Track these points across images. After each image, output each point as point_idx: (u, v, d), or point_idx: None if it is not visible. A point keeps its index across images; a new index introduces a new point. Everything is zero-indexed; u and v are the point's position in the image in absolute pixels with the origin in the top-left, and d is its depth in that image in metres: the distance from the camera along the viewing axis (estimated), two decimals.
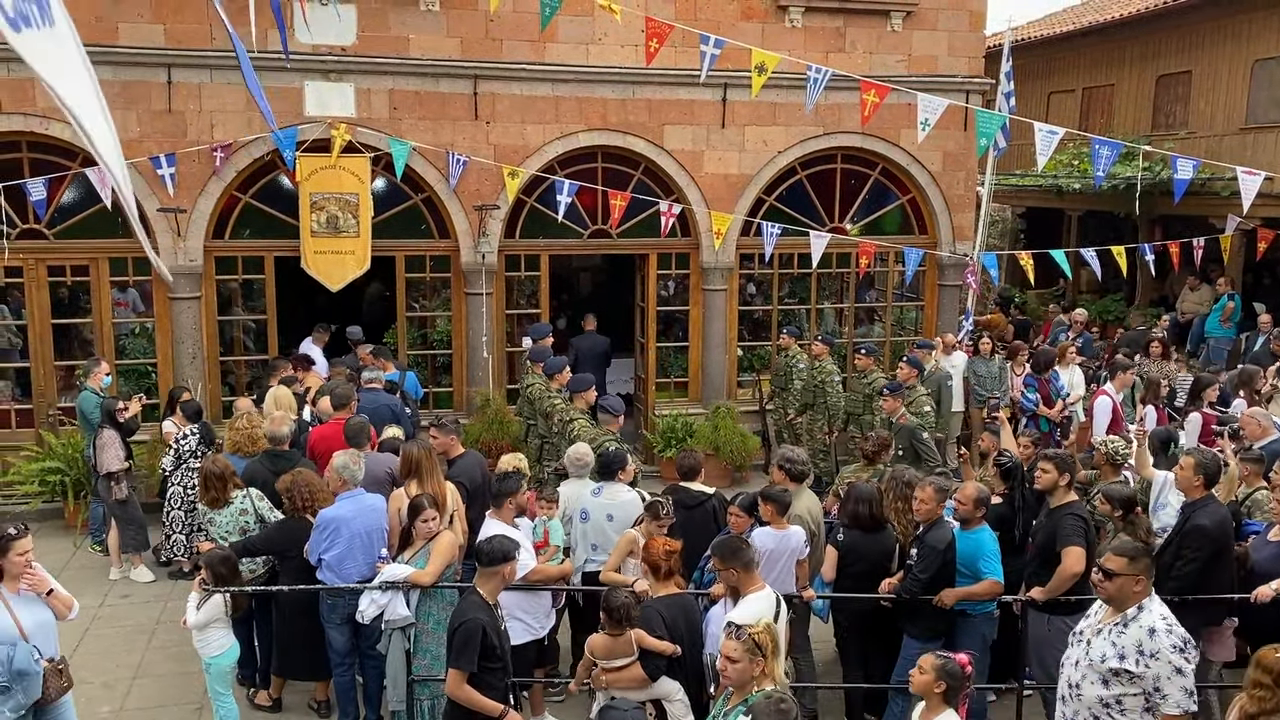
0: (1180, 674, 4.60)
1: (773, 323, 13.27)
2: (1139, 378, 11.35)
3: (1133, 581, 4.75)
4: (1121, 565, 4.75)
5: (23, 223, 10.80)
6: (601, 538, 6.92)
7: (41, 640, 5.42)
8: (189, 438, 9.00)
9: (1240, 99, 15.98)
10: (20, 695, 5.23)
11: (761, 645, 4.45)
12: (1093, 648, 4.81)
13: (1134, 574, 4.74)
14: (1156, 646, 4.62)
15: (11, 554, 5.29)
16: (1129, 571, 4.74)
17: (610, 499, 6.94)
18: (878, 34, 12.57)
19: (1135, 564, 4.76)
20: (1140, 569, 4.76)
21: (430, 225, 11.97)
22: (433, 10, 11.30)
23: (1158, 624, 4.68)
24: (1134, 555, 4.79)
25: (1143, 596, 4.77)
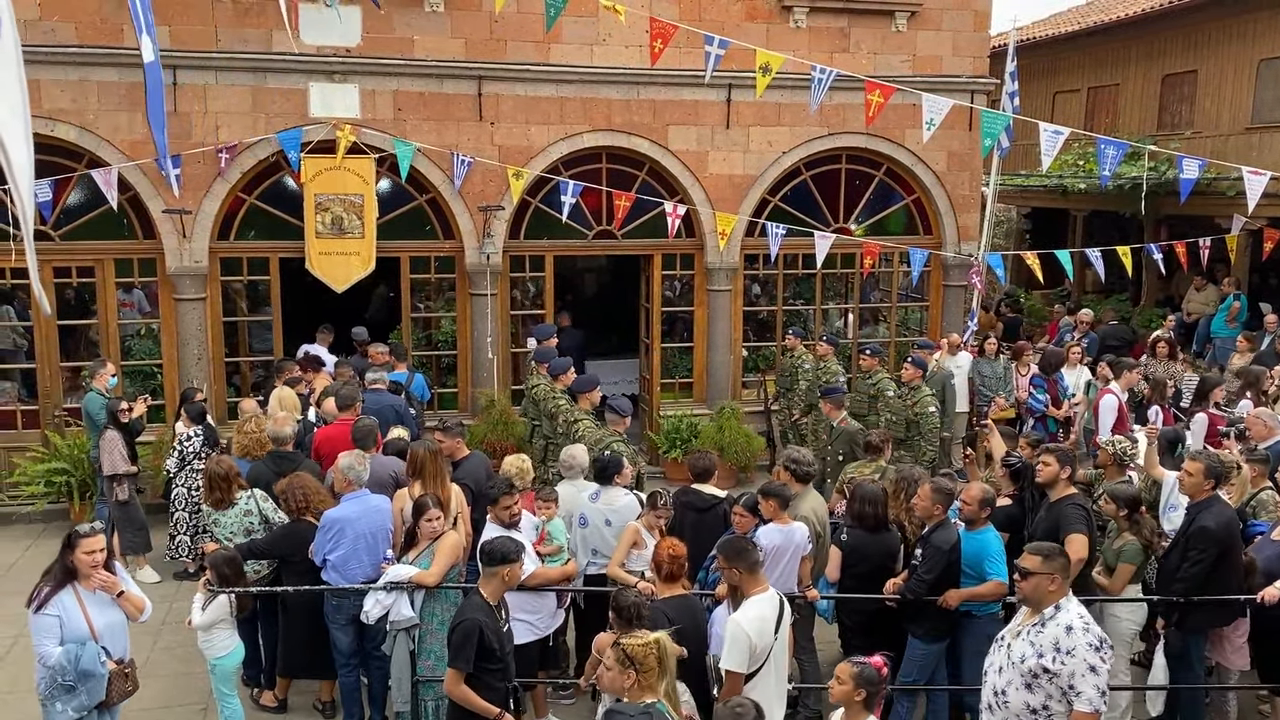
0: (1094, 672, 4.58)
1: (777, 323, 13.26)
2: (1145, 378, 11.34)
3: (1048, 580, 4.74)
4: (1037, 564, 4.77)
5: None
6: (601, 543, 6.92)
7: (111, 641, 5.42)
8: (193, 439, 9.02)
9: (1246, 99, 15.95)
10: (84, 696, 5.24)
11: (634, 659, 4.33)
12: (1013, 650, 4.81)
13: (1049, 573, 4.74)
14: (1073, 643, 4.62)
15: (79, 551, 5.29)
16: (1044, 570, 4.74)
17: (608, 504, 6.94)
18: (882, 34, 12.56)
19: (1050, 563, 4.77)
20: (1055, 568, 4.76)
21: (435, 226, 11.98)
22: (437, 11, 11.31)
23: (1075, 622, 4.68)
24: (1049, 555, 4.81)
25: (1059, 596, 4.76)
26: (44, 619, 5.26)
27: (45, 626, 5.26)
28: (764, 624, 5.25)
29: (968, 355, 12.15)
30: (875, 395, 10.54)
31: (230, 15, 10.82)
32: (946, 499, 6.43)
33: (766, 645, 5.25)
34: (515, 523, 6.46)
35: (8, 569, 9.57)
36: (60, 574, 5.36)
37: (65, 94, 10.55)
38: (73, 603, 5.32)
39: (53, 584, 5.34)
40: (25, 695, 6.59)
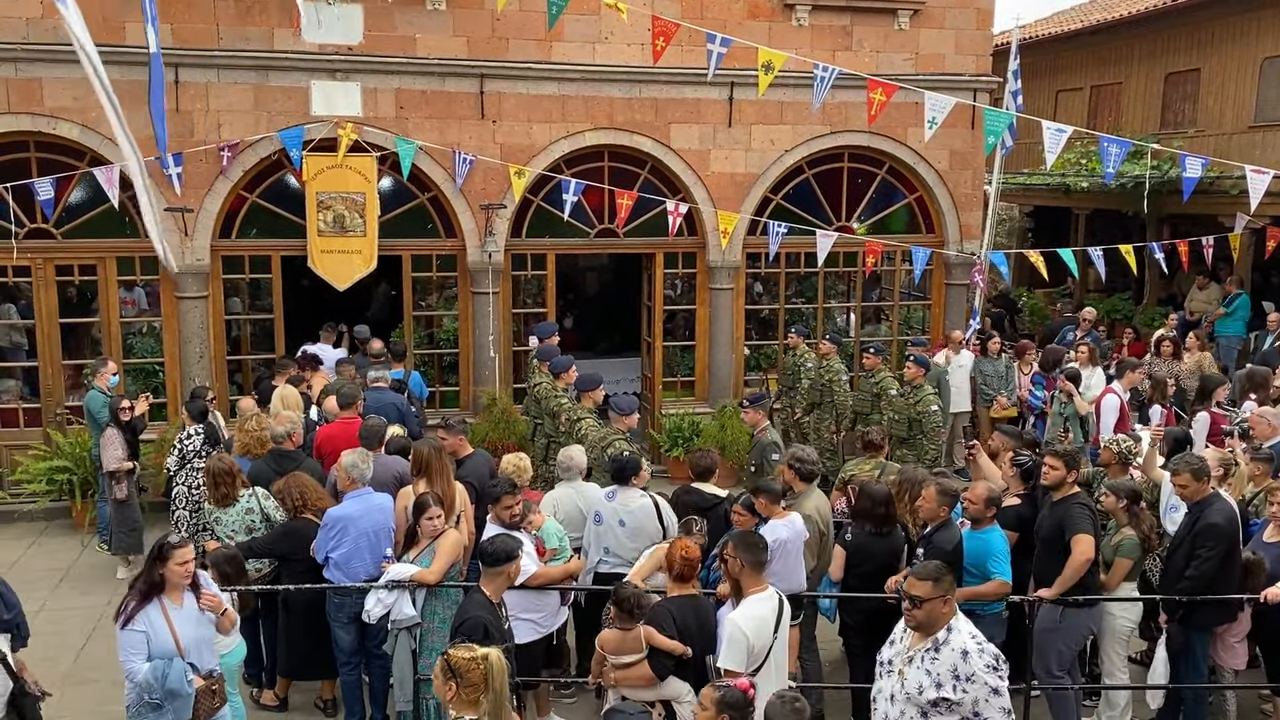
0: (997, 694, 4.46)
1: (779, 322, 13.25)
2: (1148, 377, 11.32)
3: (940, 603, 4.58)
4: (927, 590, 4.57)
5: (30, 222, 10.83)
6: (614, 542, 6.88)
7: (198, 656, 5.32)
8: (193, 437, 9.01)
9: (1249, 97, 15.91)
10: (171, 715, 5.13)
11: (457, 671, 4.13)
12: (907, 679, 4.60)
13: (940, 595, 4.57)
14: (971, 669, 4.46)
15: (171, 563, 5.17)
16: (934, 594, 4.56)
17: (623, 504, 6.88)
18: (885, 32, 12.54)
19: (940, 585, 4.58)
20: (945, 589, 4.59)
21: (437, 224, 11.97)
22: (439, 9, 11.30)
23: (969, 645, 4.52)
24: (936, 576, 4.61)
25: (951, 616, 4.61)
26: (131, 634, 5.13)
27: (132, 642, 5.12)
28: (761, 624, 5.22)
29: (969, 354, 12.14)
30: (878, 394, 10.54)
31: (232, 13, 10.81)
32: (951, 500, 6.43)
33: (765, 645, 5.23)
34: (516, 523, 6.46)
35: (10, 567, 9.57)
36: (147, 587, 5.21)
37: (68, 92, 10.55)
38: (159, 617, 5.18)
39: (139, 598, 5.19)
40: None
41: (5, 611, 5.45)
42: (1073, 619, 6.38)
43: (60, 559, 9.74)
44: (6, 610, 5.46)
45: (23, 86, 10.47)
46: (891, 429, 9.79)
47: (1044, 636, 6.45)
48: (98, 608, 8.68)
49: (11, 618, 5.49)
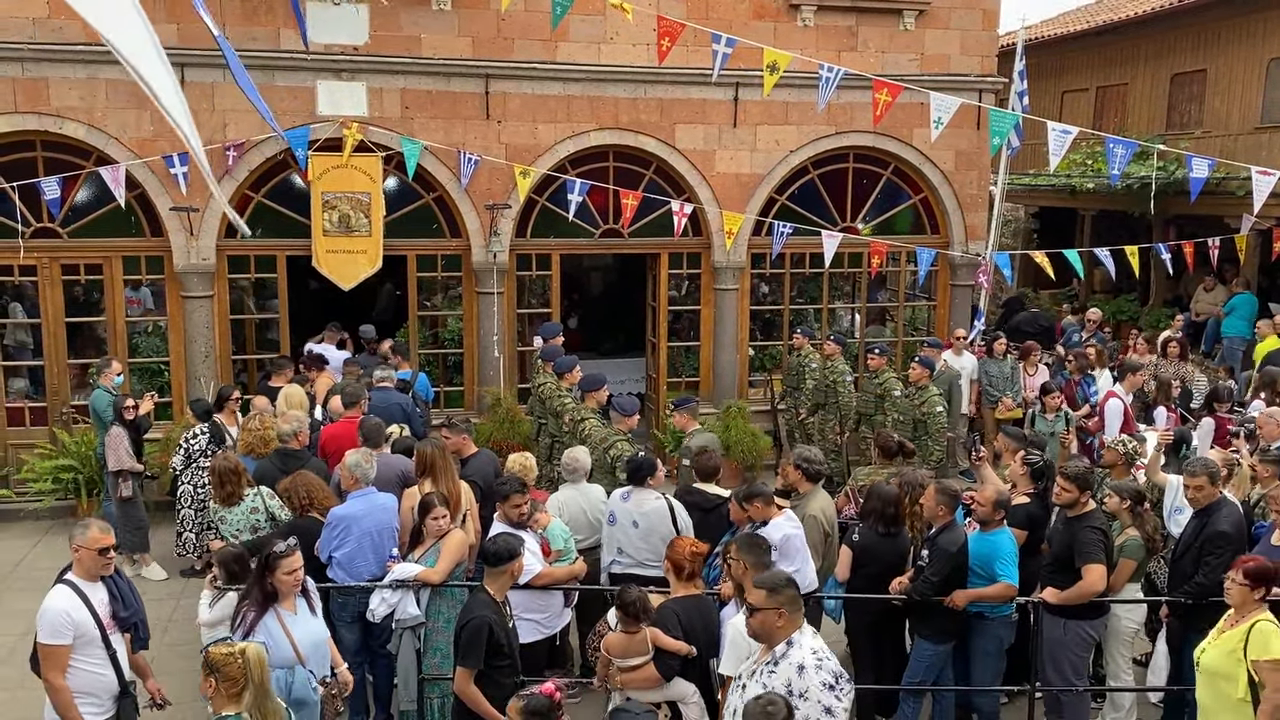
0: (830, 714, 4.32)
1: (784, 322, 13.24)
2: (1153, 378, 11.30)
3: (775, 615, 4.43)
4: (761, 599, 4.44)
5: (37, 222, 10.85)
6: (626, 542, 6.87)
7: (317, 662, 5.31)
8: (198, 437, 9.03)
9: (1255, 98, 15.87)
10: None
11: (215, 666, 4.17)
12: (747, 694, 4.42)
13: (775, 607, 4.43)
14: (805, 685, 4.32)
15: (280, 572, 5.18)
16: (769, 605, 4.43)
17: (637, 505, 6.86)
18: (890, 33, 12.53)
19: (776, 596, 4.44)
20: (782, 601, 4.44)
21: (442, 224, 11.98)
22: (444, 10, 11.32)
23: (807, 660, 4.38)
24: (774, 587, 4.47)
25: (790, 630, 4.46)
26: None
27: None
28: None
29: (972, 357, 12.11)
30: (882, 395, 10.52)
31: (238, 13, 10.83)
32: (952, 501, 6.41)
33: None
34: (524, 522, 6.46)
35: (15, 565, 9.60)
36: (262, 597, 5.23)
37: (74, 92, 10.57)
38: (277, 627, 5.21)
39: (256, 609, 5.22)
40: (32, 690, 6.58)
41: (123, 610, 5.39)
42: (1074, 630, 6.38)
43: (65, 557, 9.52)
44: (124, 609, 5.40)
45: (29, 86, 10.49)
46: (895, 430, 9.76)
47: (1054, 647, 6.44)
48: None
49: (129, 616, 5.43)
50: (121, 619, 5.36)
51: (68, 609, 5.12)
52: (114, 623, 5.32)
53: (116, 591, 5.37)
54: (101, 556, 5.27)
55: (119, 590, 5.40)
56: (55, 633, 5.06)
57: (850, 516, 7.57)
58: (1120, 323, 16.97)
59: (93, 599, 5.23)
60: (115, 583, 5.41)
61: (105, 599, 5.30)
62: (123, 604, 5.38)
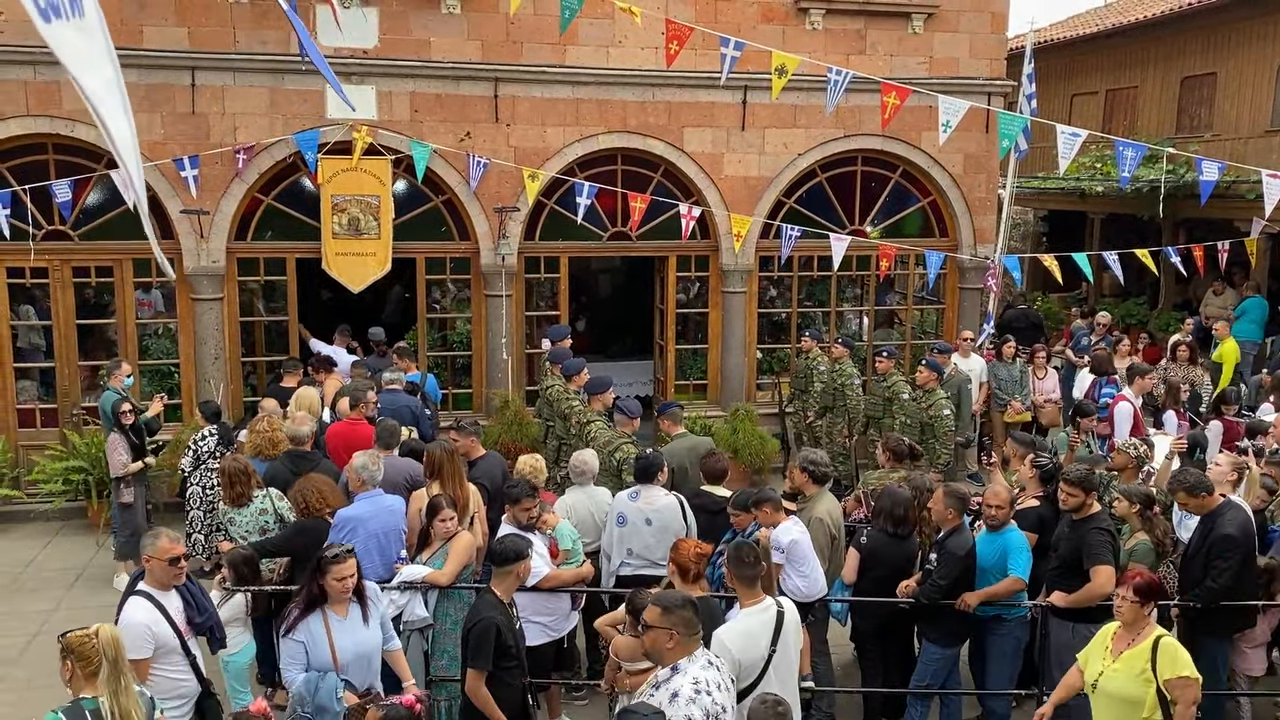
0: None
1: (792, 325, 13.24)
2: (1163, 382, 11.27)
3: (665, 636, 4.31)
4: (655, 617, 4.34)
5: (48, 224, 10.91)
6: (639, 543, 6.85)
7: (358, 672, 5.26)
8: (208, 439, 9.06)
9: (1266, 101, 15.83)
10: None
11: (70, 649, 4.18)
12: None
13: (667, 627, 4.30)
14: (672, 715, 4.16)
15: (330, 577, 5.16)
16: (662, 624, 4.31)
17: (648, 503, 6.88)
18: (898, 36, 12.53)
19: (669, 616, 4.33)
20: (675, 622, 4.30)
21: (450, 227, 12.01)
22: (454, 13, 11.35)
23: (684, 689, 4.21)
24: (669, 607, 4.36)
25: (679, 655, 4.33)
26: (290, 644, 5.17)
27: (291, 652, 5.17)
28: (750, 640, 4.99)
29: (980, 359, 12.09)
30: (890, 398, 10.52)
31: (249, 17, 10.88)
32: (960, 504, 6.41)
33: (756, 659, 4.98)
34: (533, 524, 6.47)
35: (25, 566, 9.65)
36: (309, 598, 5.22)
37: None
38: (320, 629, 5.18)
39: (301, 608, 5.22)
40: (41, 691, 6.63)
41: (197, 615, 5.42)
42: (1082, 634, 6.35)
43: (75, 558, 9.80)
44: (199, 614, 5.43)
45: (41, 89, 10.55)
46: (904, 433, 9.75)
47: (1062, 651, 6.42)
48: (112, 607, 8.63)
49: (203, 621, 5.47)
50: (196, 624, 5.42)
51: (148, 623, 5.14)
52: (190, 629, 5.37)
53: (190, 598, 5.42)
54: (172, 567, 5.27)
55: (192, 596, 5.45)
56: (136, 647, 5.00)
57: (860, 520, 7.57)
58: (1129, 326, 16.92)
59: (169, 608, 5.27)
60: (188, 589, 5.45)
61: (180, 606, 5.35)
62: (197, 609, 5.43)
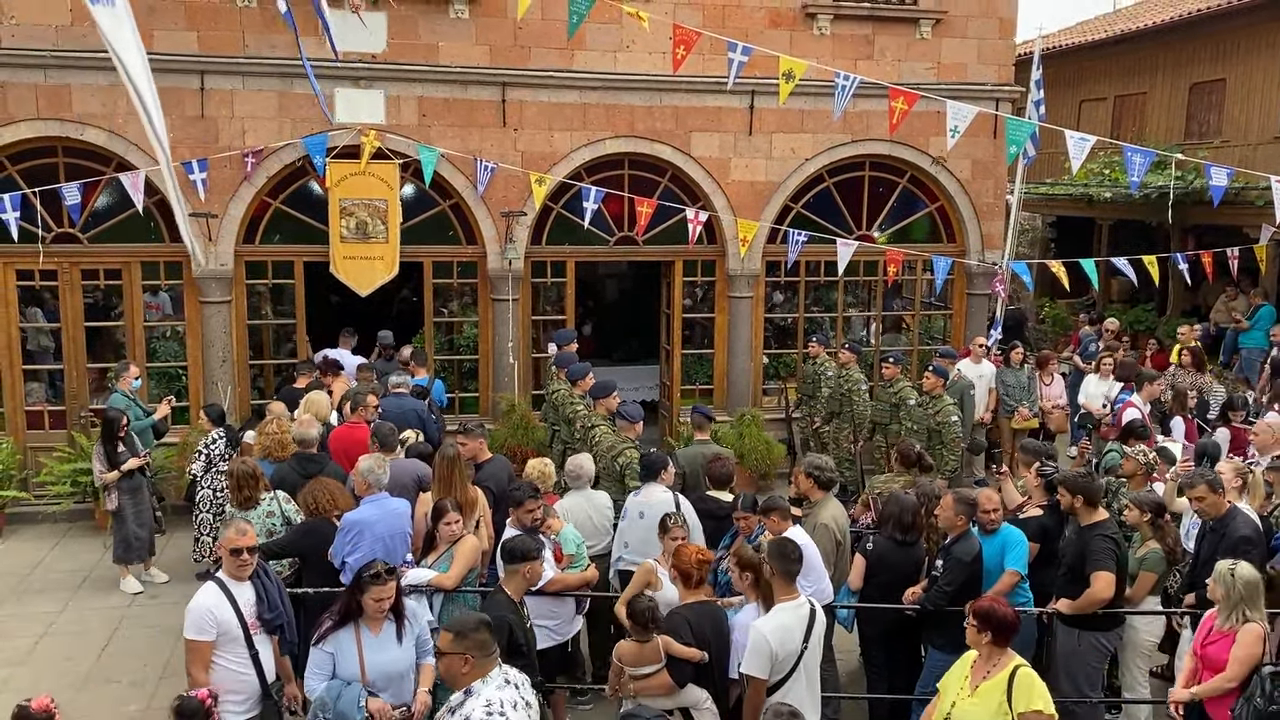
0: None
1: (799, 330, 13.23)
2: (1170, 388, 11.22)
3: (460, 661, 4.26)
4: (446, 642, 4.32)
5: (57, 227, 10.95)
6: (633, 536, 6.97)
7: (394, 689, 5.22)
8: (217, 441, 9.07)
9: (1275, 107, 15.79)
10: None
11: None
12: None
13: (460, 652, 4.26)
14: None
15: (367, 596, 5.11)
16: (455, 649, 4.28)
17: (646, 498, 7.01)
18: (907, 41, 12.53)
19: (461, 641, 4.29)
20: (468, 646, 4.26)
21: (458, 231, 12.03)
22: (462, 18, 11.38)
23: (475, 713, 4.17)
24: (462, 631, 4.33)
25: (473, 678, 4.28)
26: (318, 653, 5.17)
27: (317, 661, 5.16)
28: (787, 633, 5.25)
29: (990, 365, 12.06)
30: (897, 404, 10.50)
31: (258, 21, 10.92)
32: (969, 510, 6.40)
33: (791, 652, 5.25)
34: (537, 527, 6.47)
35: (33, 567, 9.67)
36: (344, 611, 5.18)
37: (95, 98, 10.68)
38: (350, 643, 5.15)
39: (335, 620, 5.18)
40: (46, 692, 6.64)
41: (267, 612, 5.39)
42: (1089, 641, 6.34)
43: (82, 560, 9.83)
44: (269, 611, 5.40)
45: (51, 92, 10.60)
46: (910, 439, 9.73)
47: (1068, 658, 6.41)
48: (119, 609, 8.76)
49: (273, 619, 5.42)
50: (266, 620, 5.40)
51: (212, 606, 5.22)
52: (259, 624, 5.36)
53: (264, 593, 5.43)
54: (235, 558, 5.33)
55: (266, 592, 5.44)
56: (198, 628, 5.18)
57: (868, 525, 7.56)
58: (1138, 333, 16.87)
59: (239, 598, 5.31)
60: (263, 584, 5.46)
61: (252, 599, 5.37)
62: (268, 606, 5.41)
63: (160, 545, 9.60)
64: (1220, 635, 5.52)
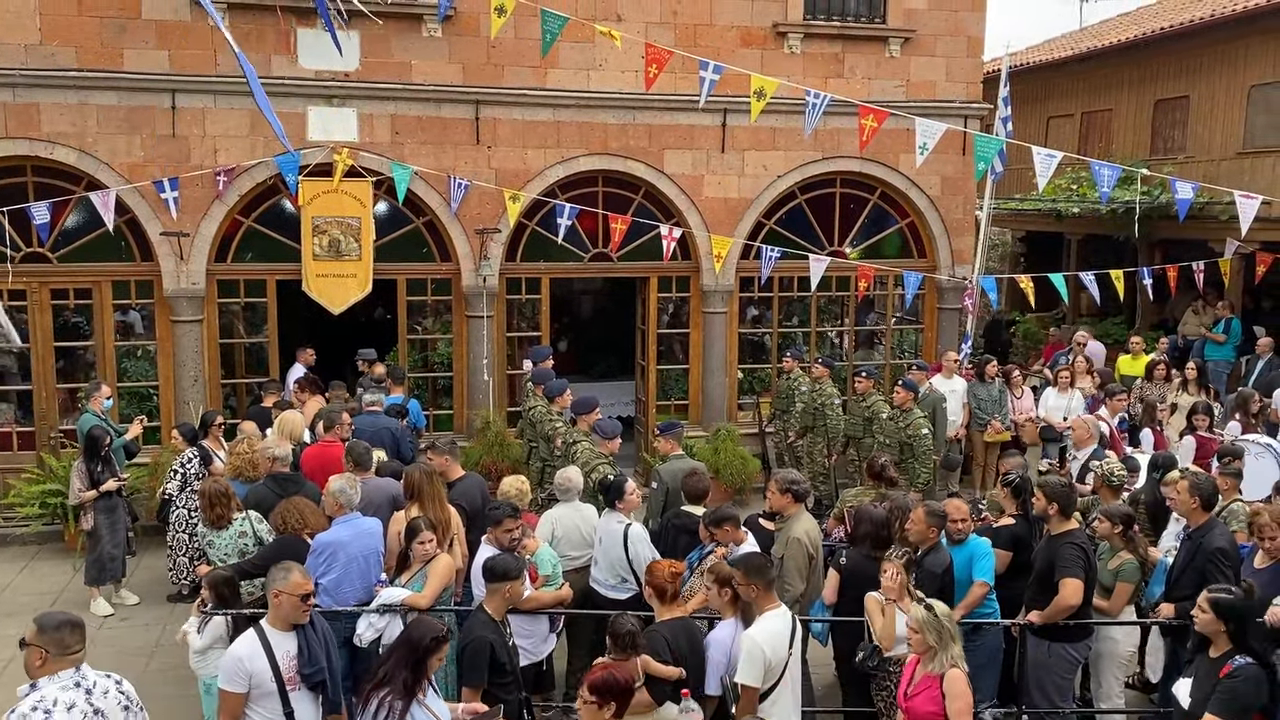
0: None
1: (773, 345, 13.29)
2: (1139, 400, 11.35)
3: (36, 654, 4.20)
4: (31, 634, 4.23)
5: (26, 246, 10.86)
6: (601, 557, 7.07)
7: None
8: (192, 461, 9.01)
9: (1237, 123, 16.06)
10: None
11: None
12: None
13: (39, 645, 4.20)
14: None
15: (434, 656, 4.88)
16: (34, 642, 4.21)
17: (604, 526, 7.09)
18: (876, 60, 12.67)
19: (41, 636, 4.24)
20: (45, 642, 4.21)
21: (432, 248, 12.03)
22: (435, 36, 11.41)
23: (22, 705, 4.09)
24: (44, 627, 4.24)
25: (44, 673, 4.22)
26: None
27: None
28: (777, 639, 5.31)
29: (961, 379, 12.17)
30: (870, 418, 10.57)
31: (233, 36, 10.88)
32: (940, 521, 6.46)
33: (781, 660, 5.31)
34: (514, 546, 6.46)
35: (1, 590, 9.54)
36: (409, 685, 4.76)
37: (65, 117, 10.62)
38: (425, 715, 4.80)
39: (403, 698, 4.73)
40: None
41: (307, 666, 5.01)
42: (1058, 652, 6.39)
43: (52, 583, 9.70)
44: (308, 665, 5.01)
45: (20, 111, 10.53)
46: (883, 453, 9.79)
47: (1037, 671, 6.45)
48: (89, 632, 8.62)
49: (312, 674, 5.03)
50: (305, 675, 5.01)
51: (244, 657, 4.90)
52: (297, 679, 4.99)
53: (306, 645, 5.04)
54: (304, 603, 5.02)
55: (309, 645, 5.05)
56: (228, 679, 4.90)
57: (841, 539, 7.58)
58: (1107, 346, 17.05)
59: (278, 650, 4.95)
60: (307, 636, 5.07)
61: (292, 651, 5.00)
62: (309, 659, 5.02)
63: (131, 567, 9.51)
64: (925, 684, 5.06)
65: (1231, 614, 5.10)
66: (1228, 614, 5.09)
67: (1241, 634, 5.12)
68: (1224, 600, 5.12)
